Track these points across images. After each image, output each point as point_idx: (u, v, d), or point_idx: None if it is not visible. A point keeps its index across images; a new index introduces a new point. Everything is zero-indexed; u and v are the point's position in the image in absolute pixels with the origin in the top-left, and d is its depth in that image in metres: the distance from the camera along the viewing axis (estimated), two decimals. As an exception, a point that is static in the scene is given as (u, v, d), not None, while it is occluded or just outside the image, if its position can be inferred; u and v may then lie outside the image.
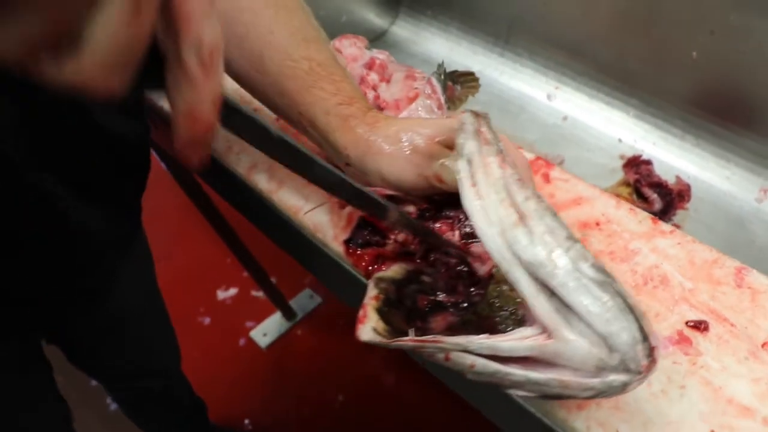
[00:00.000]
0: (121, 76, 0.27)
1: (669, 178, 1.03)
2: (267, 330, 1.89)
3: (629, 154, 1.08)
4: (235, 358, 1.85)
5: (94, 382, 1.79)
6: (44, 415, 0.89)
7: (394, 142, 0.52)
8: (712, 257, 0.55)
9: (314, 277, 1.98)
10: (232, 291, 2.02)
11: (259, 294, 1.97)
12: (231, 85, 0.63)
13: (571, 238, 0.40)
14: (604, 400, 0.48)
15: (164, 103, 0.81)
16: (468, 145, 0.43)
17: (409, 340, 0.42)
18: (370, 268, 0.57)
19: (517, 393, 0.41)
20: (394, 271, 0.54)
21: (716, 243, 0.57)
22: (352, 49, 0.67)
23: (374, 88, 0.65)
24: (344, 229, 0.61)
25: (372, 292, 0.49)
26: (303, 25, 0.56)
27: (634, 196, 1.04)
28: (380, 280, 0.52)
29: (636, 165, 1.05)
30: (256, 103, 0.63)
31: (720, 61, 0.98)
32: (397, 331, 0.45)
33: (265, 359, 1.84)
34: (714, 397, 0.47)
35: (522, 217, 0.40)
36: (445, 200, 0.54)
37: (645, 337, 0.38)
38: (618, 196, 0.64)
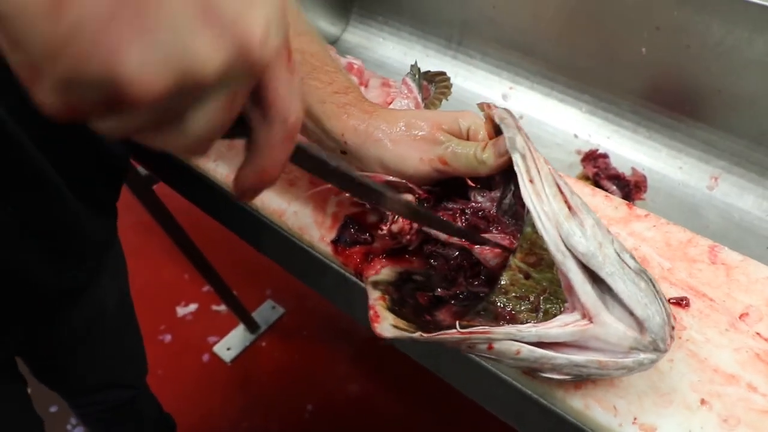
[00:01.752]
0: (211, 143, 0.31)
1: (625, 171, 1.07)
2: (230, 344, 1.87)
3: (585, 149, 1.12)
4: (200, 375, 1.82)
5: (53, 408, 1.75)
6: (18, 429, 0.87)
7: (396, 129, 0.53)
8: (686, 237, 0.58)
9: (276, 288, 1.98)
10: (192, 307, 1.99)
11: (221, 308, 1.95)
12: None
13: (609, 231, 0.43)
14: (599, 378, 0.50)
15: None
16: (518, 140, 0.45)
17: (455, 332, 0.43)
18: (360, 266, 0.58)
19: (550, 375, 0.44)
20: (385, 274, 0.54)
21: (673, 231, 0.60)
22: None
23: (354, 90, 0.66)
24: (330, 229, 0.62)
25: (374, 294, 0.50)
26: (293, 19, 0.57)
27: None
28: (376, 283, 0.52)
29: (593, 159, 1.08)
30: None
31: (667, 56, 1.02)
32: (420, 327, 0.46)
33: (231, 374, 1.82)
34: (701, 367, 0.50)
35: (572, 210, 0.42)
36: (443, 192, 0.55)
37: (669, 319, 0.42)
38: (579, 181, 0.66)
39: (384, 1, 1.37)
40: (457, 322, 0.44)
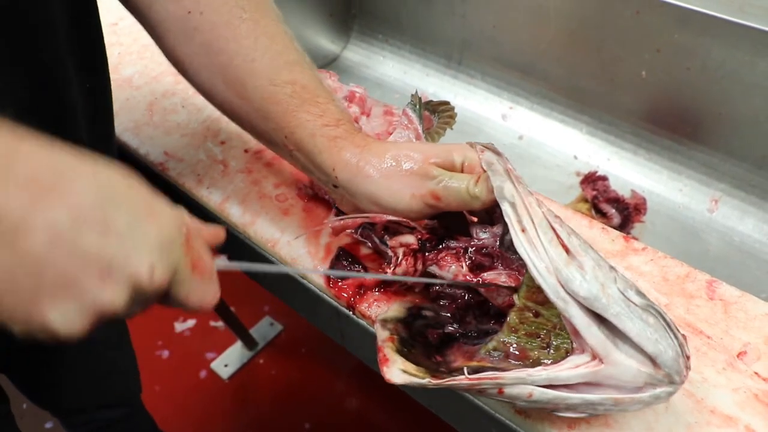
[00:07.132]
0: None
1: (625, 193, 1.06)
2: (228, 361, 1.85)
3: (585, 170, 1.11)
4: (197, 391, 1.80)
5: (48, 424, 1.74)
6: None
7: (386, 164, 0.52)
8: (683, 272, 0.57)
9: (274, 305, 1.97)
10: (190, 322, 1.97)
11: (218, 324, 1.93)
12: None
13: (612, 268, 0.43)
14: (593, 418, 0.49)
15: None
16: (507, 187, 0.44)
17: (464, 378, 0.42)
18: (353, 299, 0.57)
19: (566, 414, 0.44)
20: (394, 310, 0.53)
21: (673, 254, 0.59)
22: (328, 82, 0.67)
23: (356, 121, 0.65)
24: (323, 260, 0.61)
25: (383, 334, 0.48)
26: (285, 49, 0.56)
27: (593, 212, 1.07)
28: (385, 321, 0.51)
29: (593, 181, 1.08)
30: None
31: (667, 78, 1.01)
32: (430, 370, 0.45)
33: (228, 391, 1.80)
34: (697, 408, 0.49)
35: (570, 254, 0.42)
36: (445, 233, 0.54)
37: (683, 350, 0.42)
38: (577, 212, 0.66)
39: (385, 19, 1.37)
40: (465, 368, 0.43)
